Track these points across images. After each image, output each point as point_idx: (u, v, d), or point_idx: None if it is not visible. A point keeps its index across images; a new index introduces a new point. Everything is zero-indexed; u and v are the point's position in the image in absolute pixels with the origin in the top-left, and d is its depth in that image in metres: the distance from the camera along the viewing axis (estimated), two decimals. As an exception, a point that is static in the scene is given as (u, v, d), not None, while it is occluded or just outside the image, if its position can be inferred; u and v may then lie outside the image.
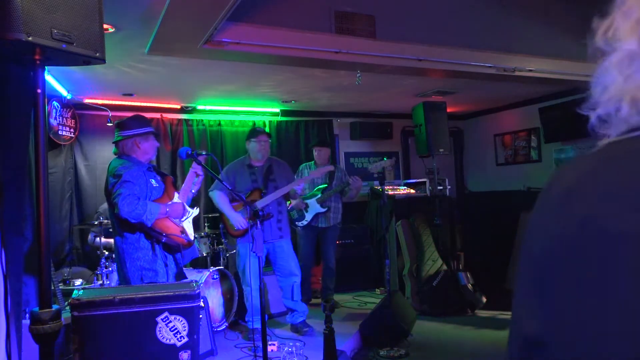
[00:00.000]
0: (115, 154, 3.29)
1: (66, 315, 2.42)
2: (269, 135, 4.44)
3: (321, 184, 5.19)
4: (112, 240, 4.53)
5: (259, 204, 4.16)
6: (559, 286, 0.62)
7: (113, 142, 3.29)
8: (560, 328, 0.61)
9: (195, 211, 3.45)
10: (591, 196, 0.59)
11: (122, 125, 3.28)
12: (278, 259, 4.34)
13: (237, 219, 4.15)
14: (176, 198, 3.34)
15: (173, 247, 3.23)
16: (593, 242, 0.58)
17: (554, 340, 0.61)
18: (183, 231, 3.29)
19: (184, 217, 3.34)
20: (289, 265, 4.34)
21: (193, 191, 3.46)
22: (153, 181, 3.23)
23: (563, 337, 0.60)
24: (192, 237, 3.38)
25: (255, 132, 4.37)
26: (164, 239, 3.14)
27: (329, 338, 3.22)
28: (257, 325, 4.16)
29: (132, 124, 3.27)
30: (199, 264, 4.97)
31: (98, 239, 4.52)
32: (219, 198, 4.26)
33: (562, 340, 0.60)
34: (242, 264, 4.24)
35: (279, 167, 4.44)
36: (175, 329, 2.50)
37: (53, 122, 4.81)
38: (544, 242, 0.66)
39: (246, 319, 4.41)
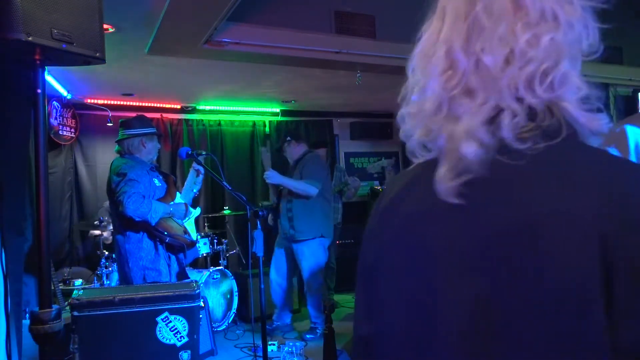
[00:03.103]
0: (117, 152, 3.29)
1: (66, 315, 2.41)
2: (280, 145, 4.60)
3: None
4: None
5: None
6: (383, 287, 0.69)
7: (116, 141, 3.29)
8: (382, 327, 0.68)
9: (197, 211, 3.46)
10: (402, 212, 0.68)
11: (127, 124, 3.28)
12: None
13: None
14: (178, 198, 3.35)
15: (176, 247, 3.24)
16: (409, 246, 0.66)
17: (379, 338, 0.69)
18: (186, 231, 3.31)
19: (187, 218, 3.35)
20: (280, 271, 4.41)
21: (195, 191, 3.47)
22: (156, 181, 3.24)
23: (383, 336, 0.68)
24: (194, 237, 3.39)
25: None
26: (167, 239, 3.15)
27: (329, 338, 3.22)
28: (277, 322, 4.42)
29: (138, 124, 3.28)
30: (199, 264, 4.97)
31: (100, 232, 4.49)
32: None
33: (384, 340, 0.68)
34: None
35: (301, 163, 4.36)
36: (175, 329, 2.50)
37: (53, 122, 4.81)
38: (374, 250, 0.73)
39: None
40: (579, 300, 0.51)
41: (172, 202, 3.28)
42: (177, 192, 3.41)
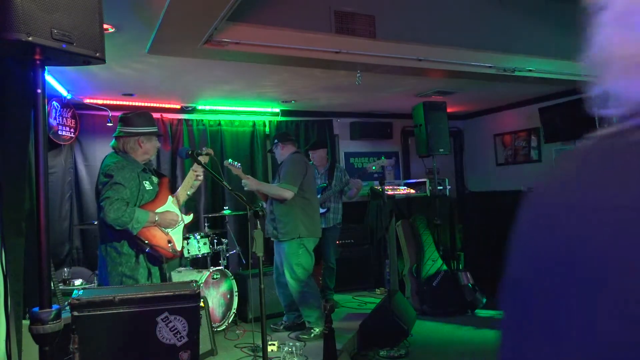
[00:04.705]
0: (112, 147, 3.15)
1: (66, 315, 2.42)
2: (270, 150, 4.80)
3: (320, 184, 5.19)
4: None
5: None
6: None
7: (114, 136, 3.15)
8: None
9: (188, 219, 3.29)
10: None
11: (127, 120, 3.12)
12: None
13: None
14: (169, 201, 3.18)
15: (156, 259, 3.06)
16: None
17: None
18: (170, 241, 3.10)
19: (175, 227, 3.16)
20: (278, 271, 4.47)
21: (189, 193, 3.35)
22: (147, 183, 3.08)
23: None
24: (179, 248, 3.18)
25: None
26: (147, 249, 2.97)
27: (329, 338, 3.22)
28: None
29: (138, 121, 3.12)
30: (199, 264, 4.97)
31: None
32: None
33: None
34: None
35: (281, 166, 4.49)
36: (175, 329, 2.50)
37: (53, 122, 4.81)
38: None
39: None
40: None
41: (160, 208, 3.08)
42: (170, 197, 3.22)
